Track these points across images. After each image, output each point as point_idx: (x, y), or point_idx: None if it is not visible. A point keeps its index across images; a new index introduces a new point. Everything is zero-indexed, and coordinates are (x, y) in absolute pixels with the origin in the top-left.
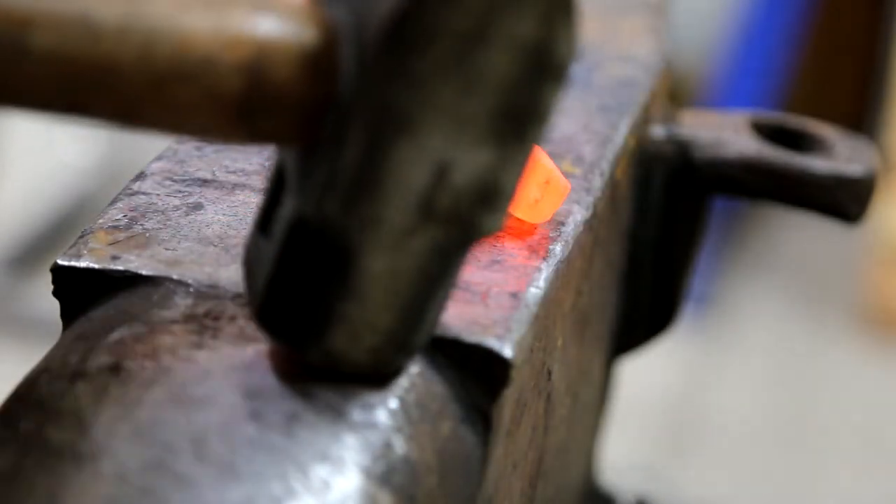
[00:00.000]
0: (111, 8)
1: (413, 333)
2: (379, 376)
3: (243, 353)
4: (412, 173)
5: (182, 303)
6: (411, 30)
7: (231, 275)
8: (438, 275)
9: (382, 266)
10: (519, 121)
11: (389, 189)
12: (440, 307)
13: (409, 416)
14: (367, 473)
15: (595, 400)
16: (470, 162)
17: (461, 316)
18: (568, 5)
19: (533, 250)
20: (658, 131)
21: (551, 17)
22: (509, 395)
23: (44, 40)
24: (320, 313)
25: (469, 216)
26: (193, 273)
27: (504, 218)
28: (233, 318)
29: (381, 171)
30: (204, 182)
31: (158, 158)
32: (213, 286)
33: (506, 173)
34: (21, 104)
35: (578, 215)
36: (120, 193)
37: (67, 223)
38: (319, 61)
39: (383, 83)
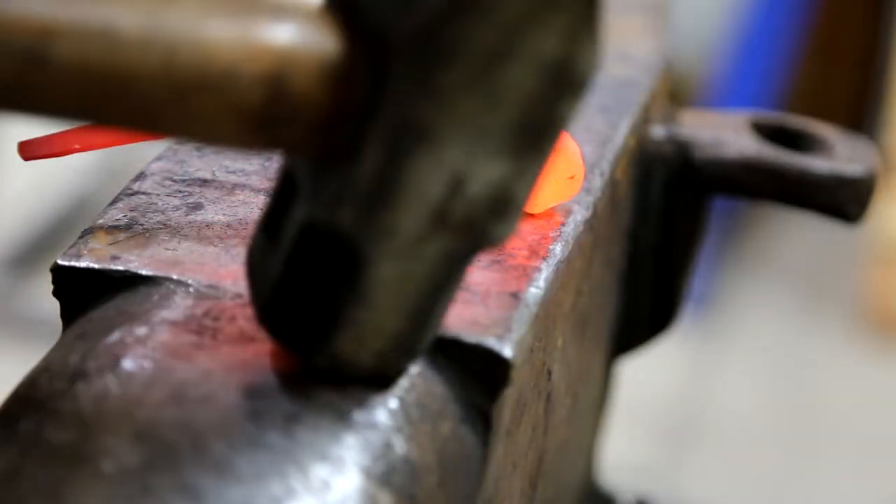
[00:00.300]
0: (133, 18)
1: (418, 337)
2: (382, 379)
3: (243, 353)
4: (428, 184)
5: (182, 303)
6: (438, 43)
7: (231, 275)
8: (446, 281)
9: (392, 272)
10: (536, 134)
11: (405, 199)
12: (444, 311)
13: (409, 416)
14: (367, 473)
15: (595, 400)
16: (486, 173)
17: (461, 316)
18: (592, 23)
19: (533, 250)
20: (658, 131)
21: (575, 34)
22: (509, 395)
23: (65, 49)
24: (327, 317)
25: (482, 226)
26: (193, 273)
27: (514, 227)
28: (233, 318)
29: (398, 181)
30: (204, 182)
31: (158, 158)
32: (213, 286)
33: (520, 184)
34: (41, 112)
35: (578, 215)
36: (120, 193)
37: (67, 223)
38: (339, 72)
39: (405, 96)
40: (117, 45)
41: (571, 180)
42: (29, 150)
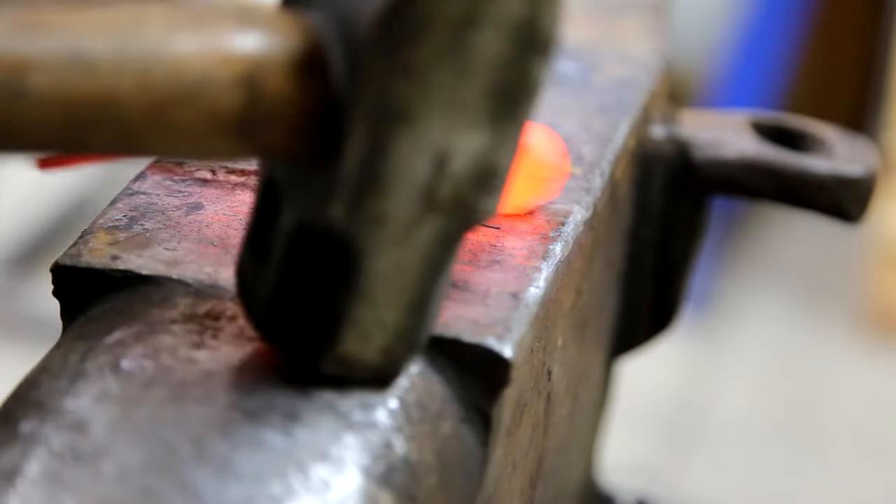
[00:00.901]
0: (104, 42)
1: (419, 327)
2: (388, 377)
3: (243, 353)
4: (414, 166)
5: (182, 303)
6: (406, 20)
7: (231, 275)
8: (440, 263)
9: (388, 263)
10: (511, 99)
11: (393, 184)
12: (441, 299)
13: (409, 416)
14: (367, 473)
15: (595, 400)
16: (467, 146)
17: (461, 316)
18: None
19: (533, 250)
20: (658, 131)
21: None
22: (509, 395)
23: (41, 81)
24: (330, 321)
25: (469, 201)
26: (193, 273)
27: (500, 200)
28: (233, 318)
29: (384, 167)
30: (204, 182)
31: (158, 159)
32: (213, 286)
33: (501, 153)
34: (23, 147)
35: (578, 215)
36: (120, 193)
37: (67, 223)
38: (310, 67)
39: (379, 78)
40: (92, 70)
41: (545, 180)
42: (45, 161)
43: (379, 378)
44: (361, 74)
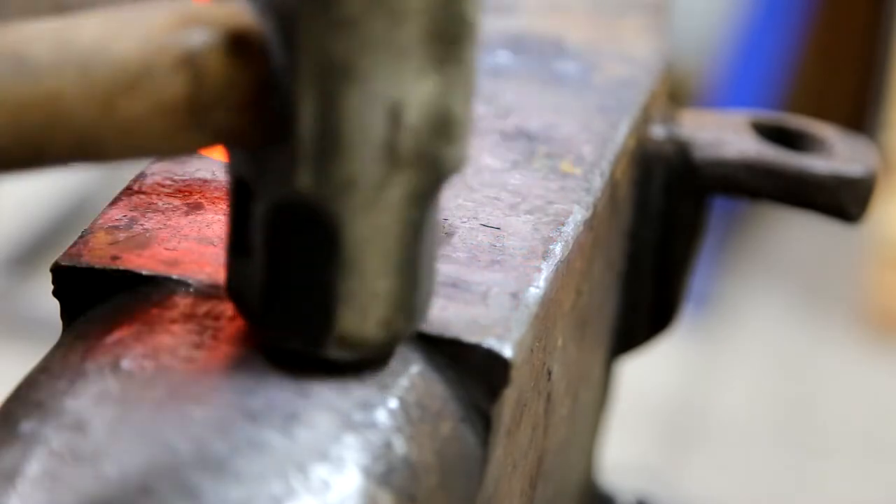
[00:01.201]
0: (41, 45)
1: (413, 294)
2: (393, 350)
3: (243, 353)
4: (368, 122)
5: (182, 303)
6: None
7: None
8: (419, 222)
9: (367, 228)
10: (450, 41)
11: (352, 145)
12: (432, 262)
13: (409, 416)
14: (367, 473)
15: (595, 400)
16: (418, 96)
17: (461, 316)
18: None
19: (533, 250)
20: (658, 131)
21: None
22: (509, 395)
23: None
24: (323, 300)
25: (432, 151)
26: (193, 273)
27: (466, 148)
28: (233, 318)
29: (339, 127)
30: (204, 182)
31: (158, 158)
32: (213, 286)
33: (453, 98)
34: None
35: (578, 215)
36: (120, 193)
37: (67, 223)
38: (246, 45)
39: (316, 37)
40: (34, 74)
41: None
42: None
43: (385, 356)
44: (297, 37)
